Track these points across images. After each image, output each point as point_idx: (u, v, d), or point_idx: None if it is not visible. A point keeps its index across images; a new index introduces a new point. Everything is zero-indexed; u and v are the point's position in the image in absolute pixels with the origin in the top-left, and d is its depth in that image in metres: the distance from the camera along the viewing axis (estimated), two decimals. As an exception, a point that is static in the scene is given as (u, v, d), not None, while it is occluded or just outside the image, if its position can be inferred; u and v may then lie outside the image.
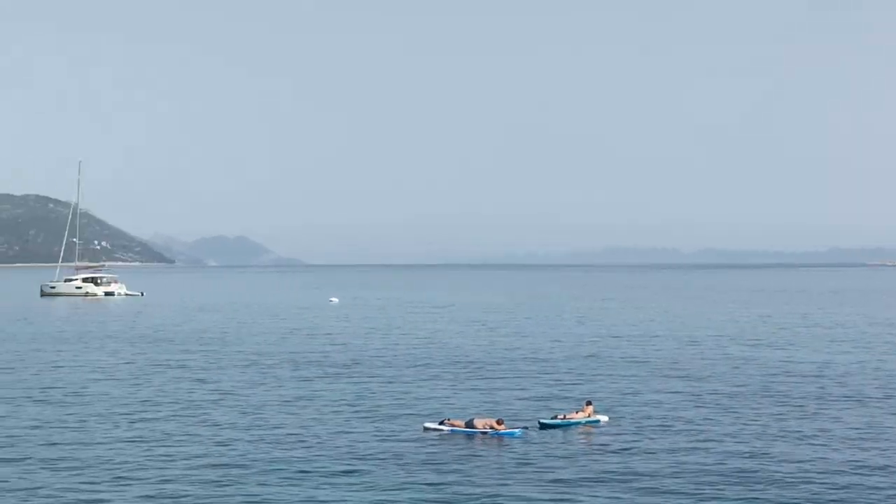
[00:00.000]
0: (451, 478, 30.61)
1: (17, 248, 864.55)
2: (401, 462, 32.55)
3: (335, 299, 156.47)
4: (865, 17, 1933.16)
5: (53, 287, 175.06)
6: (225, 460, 32.66)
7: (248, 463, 32.28)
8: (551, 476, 31.02)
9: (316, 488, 29.25)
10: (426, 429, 38.19)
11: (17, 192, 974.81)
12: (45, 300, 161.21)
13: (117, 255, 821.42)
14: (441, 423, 38.46)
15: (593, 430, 38.92)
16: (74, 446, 35.04)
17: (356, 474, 30.80)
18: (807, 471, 31.61)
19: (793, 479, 30.49)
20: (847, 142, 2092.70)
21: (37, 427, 38.89)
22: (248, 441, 35.88)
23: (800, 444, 35.75)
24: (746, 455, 33.89)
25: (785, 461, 32.93)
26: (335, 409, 43.36)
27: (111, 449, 34.53)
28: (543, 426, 39.06)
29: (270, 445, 35.08)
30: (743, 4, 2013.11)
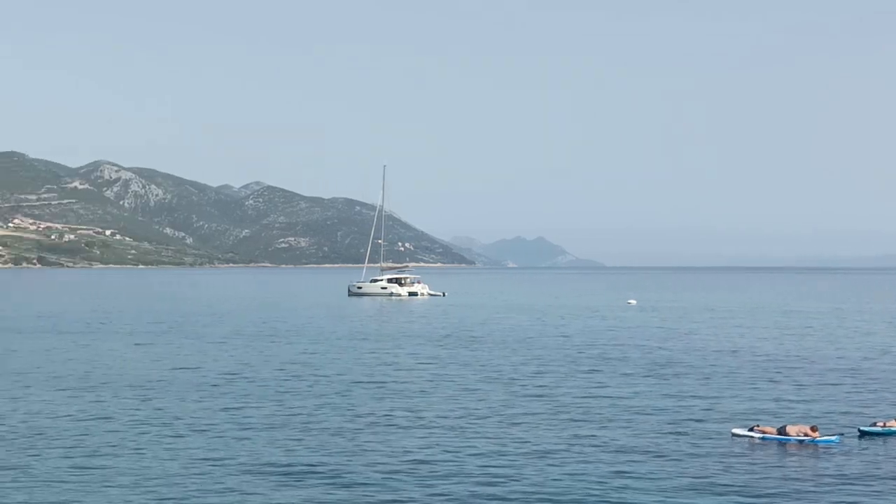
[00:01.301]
0: (761, 487, 29.14)
1: (326, 249, 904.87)
2: (707, 469, 31.28)
3: (633, 301, 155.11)
4: None
5: (360, 287, 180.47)
6: (526, 461, 32.31)
7: (550, 465, 31.82)
8: (872, 489, 29.06)
9: (619, 490, 28.49)
10: (735, 435, 36.72)
11: (326, 196, 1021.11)
12: (353, 300, 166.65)
13: (420, 256, 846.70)
14: (751, 429, 36.89)
15: (915, 440, 36.47)
16: (376, 443, 35.54)
17: (660, 480, 29.81)
18: None
19: None
20: None
21: (349, 421, 39.78)
22: (551, 442, 35.45)
23: None
24: None
25: None
26: (638, 412, 42.40)
27: (414, 446, 34.83)
28: (863, 434, 36.90)
29: (574, 447, 34.52)
30: None
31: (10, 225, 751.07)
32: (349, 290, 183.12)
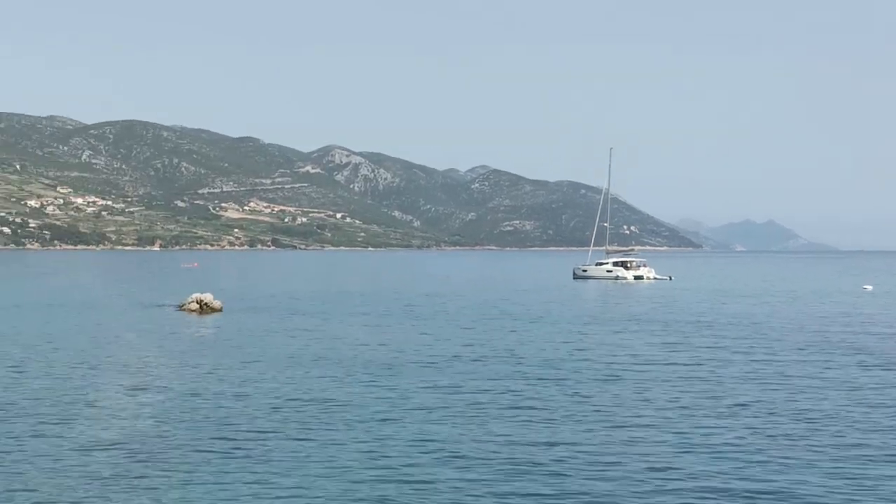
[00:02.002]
0: None
1: (551, 232, 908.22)
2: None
3: (868, 286, 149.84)
4: None
5: (585, 270, 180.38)
6: (756, 451, 31.52)
7: (783, 457, 30.96)
8: None
9: (859, 491, 27.48)
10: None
11: (552, 179, 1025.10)
12: (578, 282, 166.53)
13: (645, 240, 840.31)
14: None
15: None
16: (604, 430, 35.28)
17: (902, 475, 28.62)
18: None
19: None
20: None
21: (575, 405, 39.66)
22: (783, 432, 34.48)
23: None
24: None
25: None
26: (874, 405, 40.60)
27: (642, 434, 34.45)
28: None
29: (808, 440, 33.46)
30: None
31: (246, 208, 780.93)
32: (574, 273, 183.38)
